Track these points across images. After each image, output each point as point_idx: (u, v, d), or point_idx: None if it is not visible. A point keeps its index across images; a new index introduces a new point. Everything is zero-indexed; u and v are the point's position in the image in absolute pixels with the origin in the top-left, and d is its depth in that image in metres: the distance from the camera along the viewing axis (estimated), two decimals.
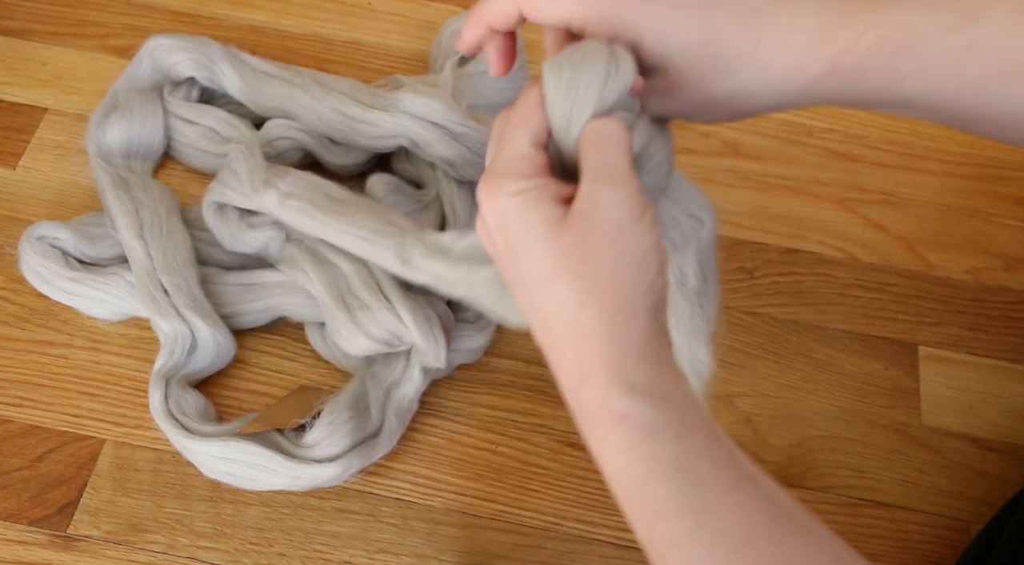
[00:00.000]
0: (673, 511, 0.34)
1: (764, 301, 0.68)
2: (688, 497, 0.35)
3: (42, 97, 0.73)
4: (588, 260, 0.36)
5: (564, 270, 0.36)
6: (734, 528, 0.34)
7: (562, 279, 0.36)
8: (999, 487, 0.62)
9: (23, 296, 0.64)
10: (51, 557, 0.56)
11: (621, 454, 0.36)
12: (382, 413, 0.59)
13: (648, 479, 0.35)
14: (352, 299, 0.58)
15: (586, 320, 0.36)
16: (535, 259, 0.36)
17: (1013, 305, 0.70)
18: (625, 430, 0.35)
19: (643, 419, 0.35)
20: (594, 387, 0.36)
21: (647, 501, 0.35)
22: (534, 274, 0.37)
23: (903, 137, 0.77)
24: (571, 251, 0.36)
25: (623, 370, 0.36)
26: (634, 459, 0.35)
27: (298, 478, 0.56)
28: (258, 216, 0.63)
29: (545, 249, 0.36)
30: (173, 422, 0.57)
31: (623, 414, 0.35)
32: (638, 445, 0.35)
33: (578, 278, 0.36)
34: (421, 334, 0.57)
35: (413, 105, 0.65)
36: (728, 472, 0.35)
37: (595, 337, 0.36)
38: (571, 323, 0.36)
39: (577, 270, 0.36)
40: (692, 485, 0.35)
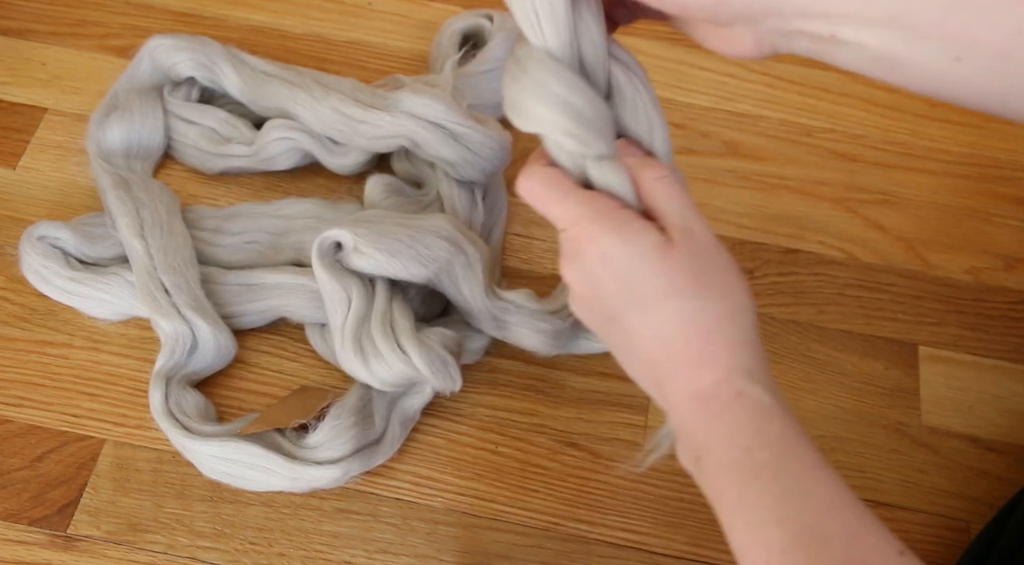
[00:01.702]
0: (771, 473, 0.39)
1: (764, 301, 0.68)
2: (785, 464, 0.39)
3: (42, 97, 0.73)
4: (703, 273, 0.41)
5: (680, 284, 0.41)
6: (824, 494, 0.38)
7: (681, 292, 0.41)
8: (999, 487, 0.62)
9: (23, 296, 0.64)
10: (51, 557, 0.56)
11: (733, 425, 0.40)
12: (386, 420, 0.59)
13: (753, 447, 0.39)
14: (368, 345, 0.58)
15: (708, 322, 0.41)
16: (651, 281, 0.41)
17: (1013, 305, 0.70)
18: (741, 404, 0.40)
19: (757, 397, 0.40)
20: (717, 369, 0.41)
21: (748, 463, 0.39)
22: (650, 294, 0.41)
23: (903, 137, 0.77)
24: (685, 268, 0.41)
25: (741, 358, 0.41)
26: (744, 430, 0.40)
27: (298, 479, 0.56)
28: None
29: (659, 270, 0.41)
30: (173, 422, 0.57)
31: (741, 391, 0.40)
32: (750, 419, 0.40)
33: (696, 288, 0.41)
34: (436, 376, 0.57)
35: (413, 105, 0.65)
36: (817, 456, 0.40)
37: (717, 333, 0.41)
38: (692, 326, 0.41)
39: (694, 282, 0.41)
40: (790, 455, 0.39)
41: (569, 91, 0.41)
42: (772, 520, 0.38)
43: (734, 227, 0.71)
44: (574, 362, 0.65)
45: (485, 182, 0.67)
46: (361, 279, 0.59)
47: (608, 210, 0.42)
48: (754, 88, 0.79)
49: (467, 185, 0.66)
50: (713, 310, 0.41)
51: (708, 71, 0.78)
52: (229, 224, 0.66)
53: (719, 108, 0.77)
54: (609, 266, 0.42)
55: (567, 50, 0.42)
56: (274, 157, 0.69)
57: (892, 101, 0.79)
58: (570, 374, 0.64)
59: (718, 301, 0.41)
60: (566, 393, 0.64)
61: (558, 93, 0.41)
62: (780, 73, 0.79)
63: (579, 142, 0.42)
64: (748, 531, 0.39)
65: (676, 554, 0.59)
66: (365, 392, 0.59)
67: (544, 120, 0.42)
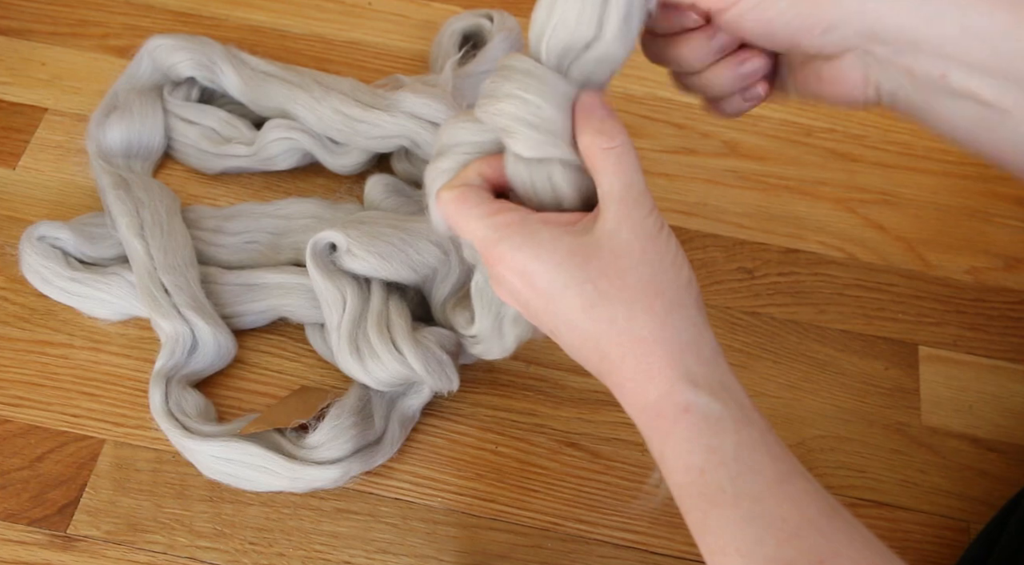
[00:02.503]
0: (730, 498, 0.36)
1: (764, 301, 0.68)
2: (744, 484, 0.36)
3: (42, 97, 0.73)
4: (626, 274, 0.38)
5: (607, 290, 0.38)
6: (786, 516, 0.36)
7: (606, 300, 0.38)
8: (999, 487, 0.62)
9: (23, 296, 0.64)
10: (51, 557, 0.56)
11: (683, 445, 0.37)
12: (385, 421, 0.59)
13: (707, 468, 0.37)
14: (364, 345, 0.58)
15: (639, 328, 0.38)
16: (574, 293, 0.38)
17: (1013, 305, 0.69)
18: (688, 421, 0.37)
19: (705, 410, 0.37)
20: (658, 384, 0.38)
21: (705, 488, 0.36)
22: (576, 306, 0.38)
23: (903, 137, 0.77)
24: (607, 271, 0.38)
25: (683, 365, 0.38)
26: (695, 449, 0.37)
27: (298, 479, 0.56)
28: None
29: (580, 278, 0.38)
30: (173, 422, 0.57)
31: (686, 406, 0.37)
32: (700, 435, 0.37)
33: (620, 293, 0.38)
34: (433, 376, 0.57)
35: (413, 105, 0.65)
36: (783, 465, 0.37)
37: (652, 340, 0.38)
38: (625, 335, 0.38)
39: (616, 286, 0.38)
40: (749, 473, 0.36)
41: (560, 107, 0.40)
42: (733, 551, 0.36)
43: (734, 227, 0.71)
44: (574, 362, 0.64)
45: None
46: (356, 279, 0.60)
47: (513, 224, 0.39)
48: None
49: None
50: (643, 315, 0.38)
51: None
52: (229, 224, 0.66)
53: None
54: (529, 284, 0.39)
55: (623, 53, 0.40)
56: (274, 157, 0.69)
57: None
58: (570, 374, 0.64)
59: (648, 303, 0.38)
60: (566, 393, 0.64)
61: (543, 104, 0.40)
62: None
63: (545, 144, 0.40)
64: (712, 559, 0.37)
65: (676, 554, 0.59)
66: (364, 392, 0.59)
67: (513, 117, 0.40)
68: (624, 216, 0.38)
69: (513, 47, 0.73)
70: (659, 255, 0.38)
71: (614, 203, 0.39)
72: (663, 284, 0.38)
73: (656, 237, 0.39)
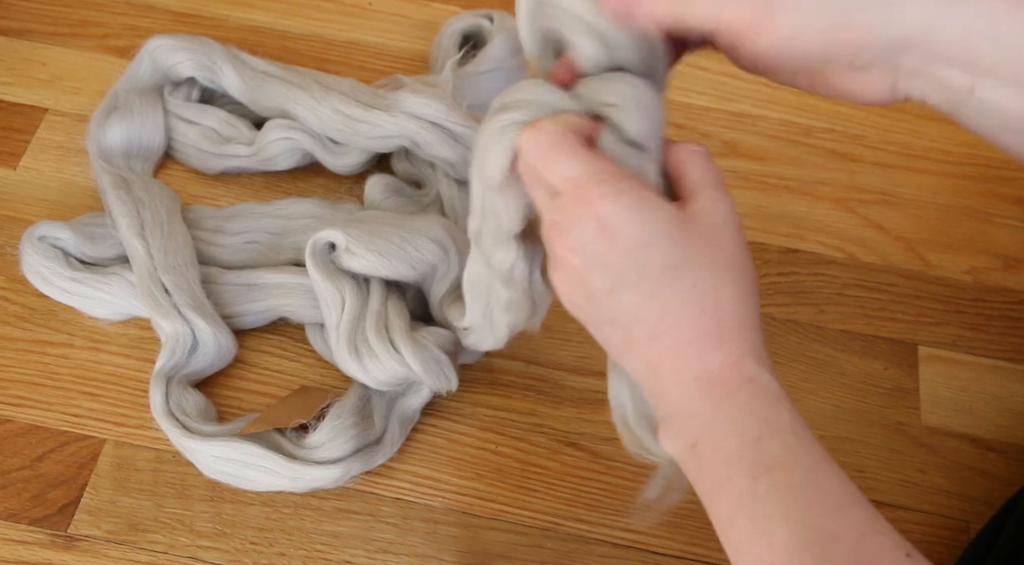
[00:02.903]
0: (784, 465, 0.37)
1: (764, 301, 0.68)
2: (798, 455, 0.38)
3: (42, 97, 0.73)
4: (722, 249, 0.40)
5: (698, 256, 0.39)
6: (833, 490, 0.37)
7: (698, 263, 0.39)
8: (999, 487, 0.62)
9: (24, 296, 0.64)
10: (52, 557, 0.56)
11: (742, 411, 0.39)
12: (385, 421, 0.59)
13: (764, 435, 0.38)
14: (363, 345, 0.58)
15: (722, 298, 0.39)
16: (661, 251, 0.39)
17: (1013, 305, 0.70)
18: (751, 391, 0.39)
19: (767, 384, 0.39)
20: (728, 351, 0.39)
21: (760, 455, 0.38)
22: (662, 263, 0.39)
23: (903, 137, 0.77)
24: (702, 241, 0.39)
25: (752, 342, 0.40)
26: (754, 417, 0.38)
27: (298, 479, 0.57)
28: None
29: (672, 239, 0.39)
30: (174, 422, 0.57)
31: (752, 377, 0.39)
32: (760, 406, 0.39)
33: (714, 262, 0.40)
34: (431, 376, 0.58)
35: (413, 105, 0.65)
36: (823, 449, 0.39)
37: (732, 311, 0.39)
38: (706, 300, 0.39)
39: (713, 256, 0.40)
40: (801, 445, 0.38)
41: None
42: (779, 516, 0.37)
43: None
44: (574, 362, 0.65)
45: None
46: (355, 279, 0.60)
47: (620, 174, 0.39)
48: (754, 88, 0.79)
49: (467, 185, 0.66)
50: (729, 288, 0.39)
51: (708, 71, 0.78)
52: (229, 224, 0.66)
53: (719, 108, 0.77)
54: (610, 234, 0.39)
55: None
56: (274, 157, 0.69)
57: None
58: (570, 374, 0.64)
59: (735, 279, 0.40)
60: (566, 393, 0.64)
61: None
62: None
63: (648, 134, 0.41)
64: (753, 526, 0.37)
65: (676, 554, 0.59)
66: (364, 392, 0.59)
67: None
68: (719, 200, 0.41)
69: (513, 47, 0.73)
70: (743, 243, 0.41)
71: (708, 189, 0.41)
72: (746, 268, 0.41)
73: (741, 232, 0.41)
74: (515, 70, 0.73)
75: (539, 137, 0.40)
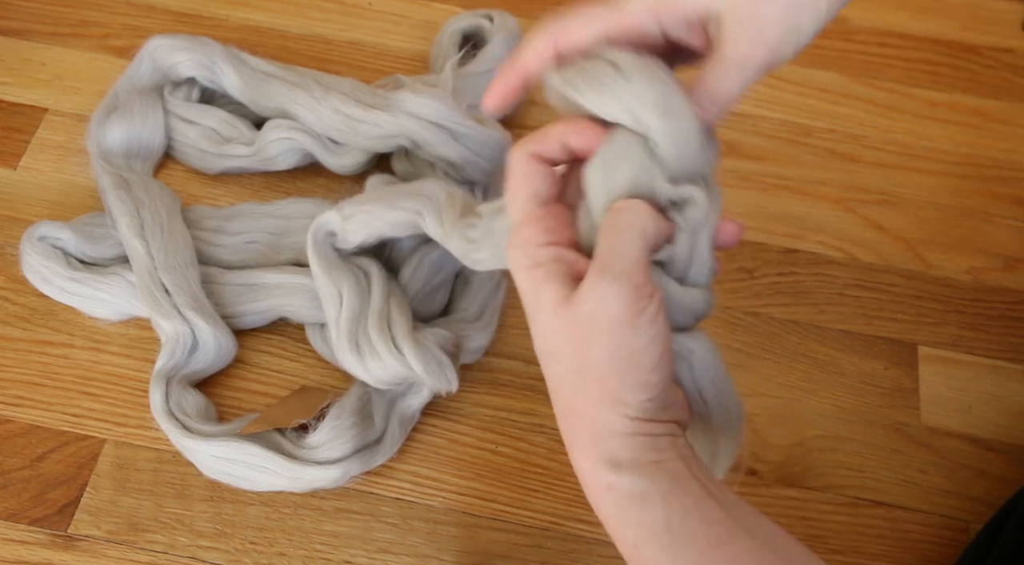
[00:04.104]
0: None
1: (764, 301, 0.68)
2: (678, 555, 0.36)
3: (42, 97, 0.73)
4: (583, 347, 0.36)
5: (563, 351, 0.37)
6: None
7: (561, 359, 0.37)
8: (999, 487, 0.62)
9: (24, 296, 0.64)
10: (52, 557, 0.56)
11: (612, 518, 0.38)
12: (385, 421, 0.59)
13: (639, 542, 0.37)
14: (364, 343, 0.58)
15: (577, 401, 0.37)
16: (540, 332, 0.38)
17: (1012, 305, 0.70)
18: (613, 498, 0.37)
19: (629, 488, 0.36)
20: (582, 458, 0.38)
21: (641, 561, 0.37)
22: (544, 348, 0.38)
23: (902, 137, 0.77)
24: (571, 335, 0.36)
25: (607, 449, 0.37)
26: (624, 523, 0.37)
27: (298, 479, 0.57)
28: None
29: (547, 326, 0.37)
30: (174, 422, 0.57)
31: (608, 485, 0.37)
32: (626, 511, 0.37)
33: (574, 362, 0.37)
34: (432, 377, 0.57)
35: (413, 105, 0.65)
36: (719, 528, 0.36)
37: (584, 417, 0.37)
38: (566, 401, 0.38)
39: (574, 354, 0.37)
40: (682, 543, 0.36)
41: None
42: None
43: None
44: None
45: (485, 182, 0.67)
46: (355, 275, 0.59)
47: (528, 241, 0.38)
48: (754, 88, 0.78)
49: (467, 185, 0.66)
50: (582, 393, 0.37)
51: None
52: (229, 224, 0.66)
53: None
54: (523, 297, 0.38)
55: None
56: (274, 157, 0.69)
57: (892, 101, 0.79)
58: None
59: (589, 384, 0.36)
60: None
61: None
62: (780, 73, 0.80)
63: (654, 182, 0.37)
64: None
65: None
66: (364, 392, 0.59)
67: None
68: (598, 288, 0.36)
69: (512, 47, 0.73)
70: (619, 345, 0.36)
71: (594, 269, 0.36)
72: (611, 376, 0.36)
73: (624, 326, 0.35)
74: None
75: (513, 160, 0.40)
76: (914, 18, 0.84)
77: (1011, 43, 0.83)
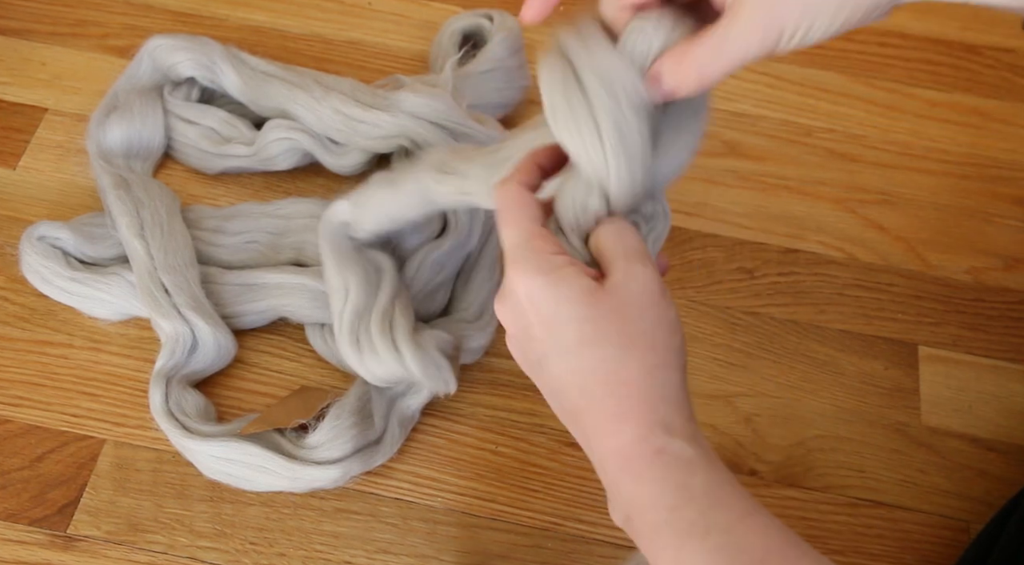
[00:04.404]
0: (700, 531, 0.38)
1: (764, 301, 0.68)
2: (714, 518, 0.38)
3: (42, 97, 0.73)
4: (628, 323, 0.40)
5: (605, 333, 0.40)
6: (754, 546, 0.38)
7: (606, 340, 0.40)
8: (999, 487, 0.62)
9: (23, 296, 0.64)
10: (51, 557, 0.56)
11: (656, 484, 0.39)
12: (385, 421, 0.59)
13: (679, 504, 0.38)
14: (365, 340, 0.58)
15: (628, 374, 0.40)
16: (575, 327, 0.40)
17: (1013, 305, 0.70)
18: (662, 461, 0.39)
19: (679, 452, 0.39)
20: (634, 427, 0.40)
21: (678, 523, 0.38)
22: (574, 340, 0.40)
23: (903, 137, 0.77)
24: (611, 317, 0.40)
25: (661, 414, 0.40)
26: (667, 487, 0.39)
27: (297, 479, 0.57)
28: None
29: (584, 316, 0.40)
30: (173, 422, 0.57)
31: (661, 448, 0.39)
32: (672, 474, 0.39)
33: (619, 338, 0.40)
34: (429, 379, 0.57)
35: (413, 105, 0.65)
36: (748, 501, 0.39)
37: (637, 387, 0.40)
38: (613, 376, 0.40)
39: (619, 332, 0.40)
40: (718, 507, 0.38)
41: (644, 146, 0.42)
42: None
43: (734, 227, 0.71)
44: None
45: None
46: (365, 269, 0.59)
47: (542, 250, 0.41)
48: (754, 88, 0.79)
49: None
50: (634, 363, 0.40)
51: None
52: (229, 224, 0.66)
53: (719, 108, 0.77)
54: (536, 307, 0.41)
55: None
56: (274, 157, 0.69)
57: (892, 101, 0.79)
58: None
59: (640, 354, 0.40)
60: None
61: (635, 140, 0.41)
62: (780, 73, 0.80)
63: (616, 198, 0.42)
64: None
65: None
66: (365, 392, 0.59)
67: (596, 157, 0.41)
68: (631, 273, 0.41)
69: (513, 47, 0.73)
70: (661, 314, 0.41)
71: (620, 261, 0.41)
72: (658, 342, 0.41)
73: (660, 299, 0.41)
74: (515, 70, 0.73)
75: (497, 196, 0.44)
76: (914, 18, 0.84)
77: (1011, 43, 0.83)
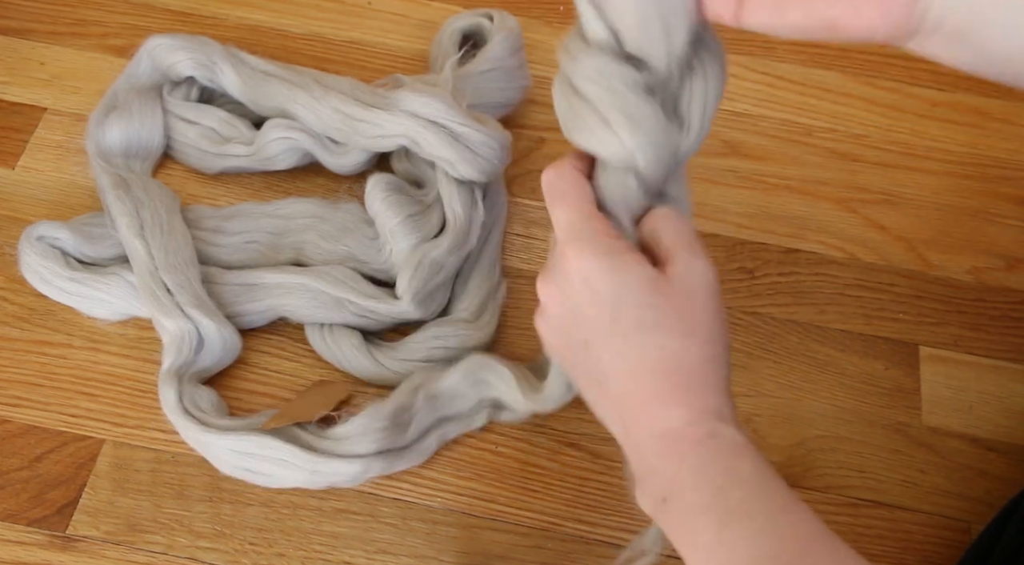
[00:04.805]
0: (746, 513, 0.38)
1: (764, 301, 0.68)
2: (760, 501, 0.39)
3: (41, 97, 0.73)
4: (690, 314, 0.41)
5: (668, 320, 0.41)
6: (798, 534, 0.38)
7: (667, 326, 0.41)
8: (999, 487, 0.62)
9: (22, 296, 0.64)
10: (50, 557, 0.56)
11: (703, 465, 0.40)
12: (423, 433, 0.59)
13: (727, 486, 0.39)
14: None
15: (687, 361, 0.41)
16: (635, 313, 0.40)
17: (1014, 305, 0.69)
18: (711, 445, 0.40)
19: (730, 437, 0.40)
20: (686, 412, 0.40)
21: (721, 504, 0.39)
22: (632, 325, 0.41)
23: (904, 137, 0.77)
24: (674, 306, 0.41)
25: (715, 402, 0.41)
26: (715, 470, 0.39)
27: (317, 473, 0.56)
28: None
29: (648, 303, 0.40)
30: (190, 418, 0.57)
31: (712, 431, 0.40)
32: (722, 458, 0.40)
33: (679, 326, 0.41)
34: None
35: (413, 104, 0.65)
36: (791, 492, 0.40)
37: (692, 376, 0.41)
38: (670, 364, 0.41)
39: (681, 320, 0.41)
40: (764, 493, 0.39)
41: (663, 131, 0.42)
42: (746, 561, 0.37)
43: (734, 227, 0.71)
44: None
45: (485, 182, 0.67)
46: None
47: (606, 233, 0.41)
48: (754, 88, 0.78)
49: (467, 185, 0.66)
50: (694, 352, 0.41)
51: None
52: (229, 224, 0.66)
53: (719, 108, 0.77)
54: (593, 290, 0.41)
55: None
56: (274, 157, 0.69)
57: (893, 101, 0.79)
58: None
59: (700, 345, 0.41)
60: None
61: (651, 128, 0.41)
62: (780, 73, 0.79)
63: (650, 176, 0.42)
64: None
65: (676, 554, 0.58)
66: (407, 402, 0.58)
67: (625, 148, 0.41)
68: (694, 264, 0.42)
69: (513, 47, 0.73)
70: (717, 308, 0.42)
71: (683, 251, 0.42)
72: (714, 333, 0.41)
73: (717, 294, 0.42)
74: (515, 69, 0.73)
75: (551, 177, 0.43)
76: None
77: None
